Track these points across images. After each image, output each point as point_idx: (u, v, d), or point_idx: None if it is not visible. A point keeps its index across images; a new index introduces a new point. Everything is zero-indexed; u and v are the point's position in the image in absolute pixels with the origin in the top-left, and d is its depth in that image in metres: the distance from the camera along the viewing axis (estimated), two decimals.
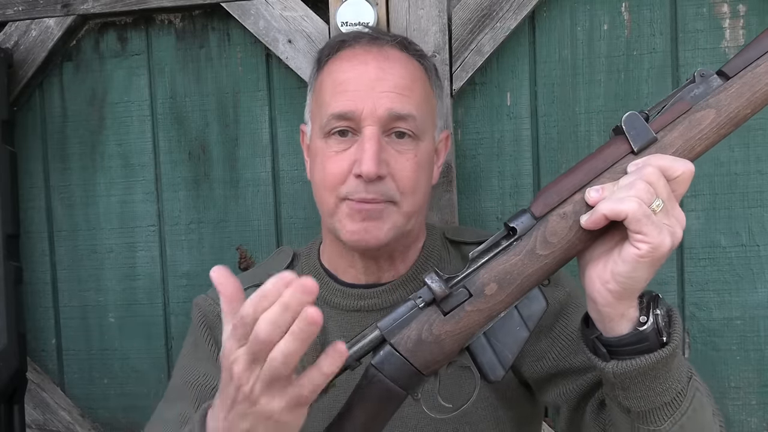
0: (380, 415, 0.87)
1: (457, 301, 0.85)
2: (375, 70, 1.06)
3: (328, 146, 1.07)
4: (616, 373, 0.83)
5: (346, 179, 1.05)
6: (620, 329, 0.83)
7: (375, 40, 1.10)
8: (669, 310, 0.85)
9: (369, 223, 1.04)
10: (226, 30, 1.51)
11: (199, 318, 1.18)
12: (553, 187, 0.84)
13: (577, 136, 1.42)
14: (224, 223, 1.54)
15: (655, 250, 0.77)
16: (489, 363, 0.86)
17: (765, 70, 0.82)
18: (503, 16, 1.38)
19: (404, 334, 0.86)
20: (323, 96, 1.09)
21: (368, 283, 1.13)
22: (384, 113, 1.04)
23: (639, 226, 0.76)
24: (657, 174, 0.79)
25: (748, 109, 0.82)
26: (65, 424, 1.58)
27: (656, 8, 1.39)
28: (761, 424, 1.41)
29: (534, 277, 0.84)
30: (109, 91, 1.56)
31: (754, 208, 1.38)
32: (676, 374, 0.84)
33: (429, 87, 1.12)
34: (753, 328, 1.40)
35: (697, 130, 0.83)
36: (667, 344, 0.82)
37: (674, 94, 0.84)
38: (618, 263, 0.80)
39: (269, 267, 1.23)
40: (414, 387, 0.87)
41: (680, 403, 0.85)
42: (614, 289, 0.81)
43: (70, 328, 1.60)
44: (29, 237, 1.60)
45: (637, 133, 0.82)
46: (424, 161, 1.09)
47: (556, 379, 1.04)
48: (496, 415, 1.11)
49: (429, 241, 1.17)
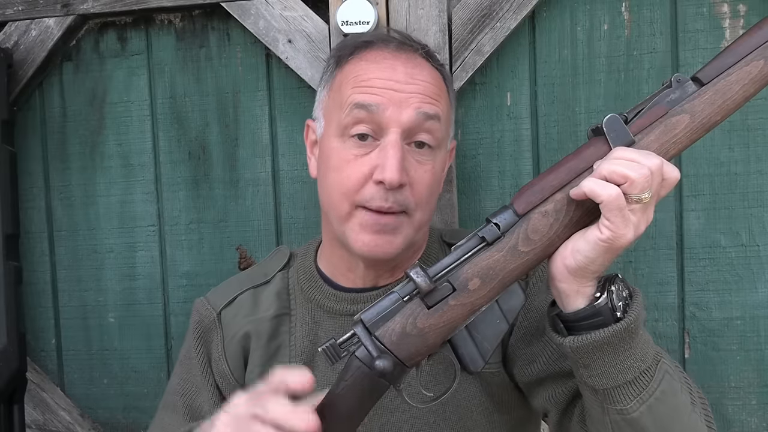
0: (363, 406, 0.92)
1: (441, 295, 0.89)
2: (404, 75, 1.07)
3: (345, 148, 1.07)
4: (573, 348, 0.88)
5: (364, 185, 1.05)
6: (576, 305, 0.88)
7: (403, 46, 1.11)
8: (632, 290, 0.90)
9: (382, 237, 1.06)
10: (226, 30, 1.52)
11: (196, 324, 1.22)
12: (535, 185, 0.89)
13: (577, 136, 1.43)
14: (224, 223, 1.54)
15: (616, 240, 0.83)
16: (470, 355, 0.90)
17: (736, 79, 0.87)
18: (503, 16, 1.38)
19: (388, 327, 0.90)
20: (344, 91, 1.09)
21: (365, 287, 1.15)
22: (412, 114, 1.05)
23: (609, 214, 0.82)
24: (659, 169, 0.83)
25: (719, 116, 0.88)
26: (65, 424, 1.58)
27: (656, 8, 1.40)
28: (761, 424, 1.42)
29: (516, 272, 0.89)
30: (109, 91, 1.57)
31: (754, 208, 1.39)
32: (639, 353, 0.88)
33: (449, 98, 1.14)
34: (753, 328, 1.41)
35: (672, 134, 0.87)
36: (621, 320, 0.86)
37: (651, 98, 0.89)
38: (579, 241, 0.86)
39: (266, 267, 1.25)
40: (397, 378, 0.91)
41: (647, 384, 0.88)
42: (570, 265, 0.86)
43: (70, 328, 1.62)
44: (29, 237, 1.61)
45: (616, 135, 0.87)
46: (439, 172, 1.12)
47: (546, 383, 1.06)
48: (491, 419, 1.13)
49: (428, 246, 1.19)
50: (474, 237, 0.89)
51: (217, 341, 1.19)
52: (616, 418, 0.89)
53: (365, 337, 0.90)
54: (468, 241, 0.90)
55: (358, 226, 1.05)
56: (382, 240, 1.05)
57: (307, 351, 1.15)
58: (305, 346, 1.15)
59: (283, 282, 1.20)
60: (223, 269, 1.56)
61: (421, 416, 1.11)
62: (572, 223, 0.87)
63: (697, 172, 1.42)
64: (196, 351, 1.20)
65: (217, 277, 1.54)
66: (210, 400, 1.17)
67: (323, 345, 0.90)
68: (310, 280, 1.18)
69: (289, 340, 1.16)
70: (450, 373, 0.94)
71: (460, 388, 0.92)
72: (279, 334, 1.17)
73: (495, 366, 1.11)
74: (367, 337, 0.89)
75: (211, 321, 1.20)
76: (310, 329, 1.16)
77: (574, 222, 0.87)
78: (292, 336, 1.16)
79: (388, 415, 1.12)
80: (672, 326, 1.44)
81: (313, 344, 1.15)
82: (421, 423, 1.12)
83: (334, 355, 0.90)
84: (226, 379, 1.18)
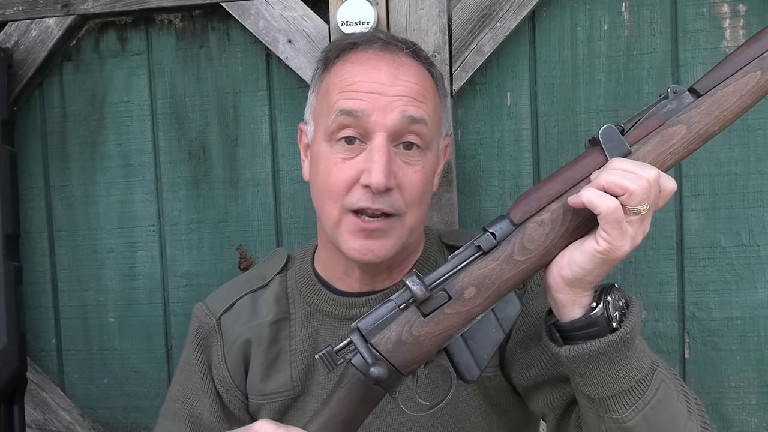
0: (359, 413, 0.93)
1: (437, 303, 0.90)
2: (388, 77, 1.06)
3: (333, 152, 1.07)
4: (569, 357, 0.89)
5: (352, 189, 1.05)
6: (572, 315, 0.89)
7: (388, 46, 1.10)
8: (628, 300, 0.91)
9: (372, 242, 1.06)
10: (226, 30, 1.52)
11: (195, 330, 1.24)
12: (531, 195, 0.90)
13: (577, 136, 1.43)
14: (224, 223, 1.55)
15: (613, 251, 0.84)
16: (465, 363, 0.91)
17: (733, 90, 0.88)
18: (503, 16, 1.38)
19: (384, 335, 0.91)
20: (330, 95, 1.09)
21: (362, 291, 1.16)
22: (397, 118, 1.04)
23: (607, 225, 0.82)
24: (657, 180, 0.84)
25: (716, 126, 0.88)
26: (65, 424, 1.59)
27: (656, 8, 1.40)
28: (761, 424, 1.42)
29: (511, 281, 0.90)
30: (109, 91, 1.57)
31: (754, 208, 1.39)
32: (635, 362, 0.89)
33: (438, 96, 1.13)
34: (753, 328, 1.41)
35: (669, 144, 0.88)
36: (617, 330, 0.87)
37: (648, 109, 0.90)
38: (576, 252, 0.87)
39: (264, 270, 1.25)
40: (393, 386, 0.92)
41: (642, 393, 0.89)
42: (567, 275, 0.87)
43: (70, 328, 1.63)
44: (29, 237, 1.62)
45: (612, 145, 0.88)
46: (430, 172, 1.12)
47: (544, 387, 1.06)
48: (490, 421, 1.14)
49: (426, 248, 1.19)
50: (470, 246, 0.90)
51: (218, 347, 1.19)
52: (612, 426, 0.90)
53: (361, 344, 0.91)
54: (464, 250, 0.91)
55: (347, 232, 1.06)
56: (374, 245, 1.05)
57: (308, 355, 1.15)
58: (305, 351, 1.15)
59: (281, 286, 1.21)
60: (223, 269, 1.56)
61: (420, 419, 1.11)
62: (568, 233, 0.88)
63: (697, 172, 1.42)
64: (196, 357, 1.20)
65: (217, 277, 1.55)
66: (210, 407, 1.18)
67: (320, 352, 0.92)
68: (309, 284, 1.18)
69: (289, 344, 1.16)
70: (446, 380, 0.95)
71: (458, 391, 0.93)
72: (279, 339, 1.17)
73: (492, 370, 1.12)
74: (363, 345, 0.91)
75: (210, 327, 1.20)
76: (310, 334, 1.16)
77: (570, 231, 0.88)
78: (292, 341, 1.16)
79: (387, 417, 1.12)
80: (672, 326, 1.45)
81: (313, 348, 1.15)
82: (420, 426, 1.12)
83: (331, 362, 0.91)
84: (226, 385, 1.19)
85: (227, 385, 1.18)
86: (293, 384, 1.15)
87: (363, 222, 1.04)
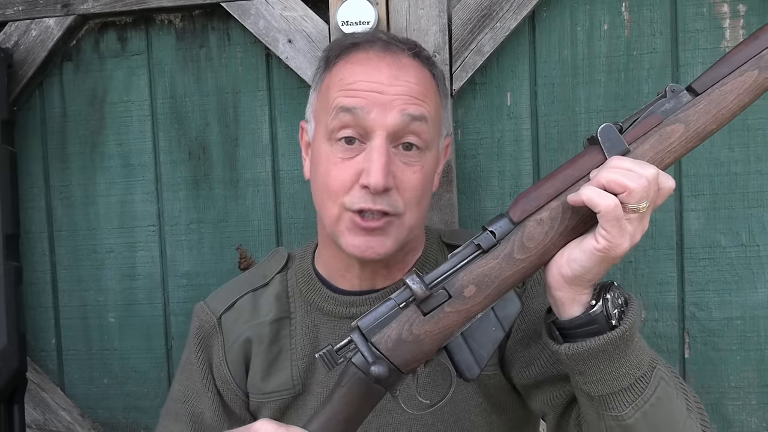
0: (359, 412, 0.93)
1: (437, 302, 0.90)
2: (388, 77, 1.06)
3: (333, 151, 1.08)
4: (568, 355, 0.89)
5: (351, 188, 1.05)
6: (572, 312, 0.89)
7: (389, 47, 1.10)
8: (627, 297, 0.91)
9: (371, 239, 1.06)
10: (226, 30, 1.53)
11: (196, 329, 1.24)
12: (531, 194, 0.90)
13: (577, 136, 1.43)
14: (224, 223, 1.55)
15: (612, 249, 0.84)
16: (465, 362, 0.92)
17: (731, 89, 0.88)
18: (503, 16, 1.39)
19: (384, 334, 0.91)
20: (330, 94, 1.09)
21: (362, 289, 1.16)
22: (397, 117, 1.05)
23: (607, 224, 0.83)
24: (656, 178, 0.84)
25: (713, 125, 0.89)
26: (65, 424, 1.59)
27: (656, 8, 1.40)
28: (761, 424, 1.42)
29: (511, 280, 0.90)
30: (109, 91, 1.57)
31: (754, 208, 1.40)
32: (634, 360, 0.89)
33: (439, 96, 1.14)
34: (753, 328, 1.41)
35: (667, 143, 0.88)
36: (616, 327, 0.87)
37: (647, 108, 0.90)
38: (575, 250, 0.87)
39: (264, 269, 1.25)
40: (393, 384, 0.93)
41: (642, 390, 0.89)
42: (566, 273, 0.87)
43: (70, 328, 1.63)
44: (29, 237, 1.62)
45: (611, 144, 0.88)
46: (429, 173, 1.12)
47: (544, 386, 1.07)
48: (489, 420, 1.15)
49: (427, 248, 1.20)
50: (470, 245, 0.91)
51: (218, 347, 1.20)
52: (612, 424, 0.90)
53: (361, 343, 0.91)
54: (464, 249, 0.91)
55: (346, 230, 1.06)
56: (374, 242, 1.05)
57: (308, 354, 1.15)
58: (306, 350, 1.16)
59: (282, 285, 1.21)
60: (223, 269, 1.56)
61: (420, 417, 1.12)
62: (567, 231, 0.89)
63: (697, 172, 1.42)
64: (197, 357, 1.21)
65: (217, 277, 1.55)
66: (211, 406, 1.19)
67: (320, 351, 0.92)
68: (309, 282, 1.18)
69: (290, 343, 1.17)
70: (446, 378, 0.95)
71: (458, 390, 0.93)
72: (279, 338, 1.18)
73: (492, 368, 1.12)
74: (363, 344, 0.91)
75: (211, 326, 1.21)
76: (311, 332, 1.16)
77: (570, 230, 0.89)
78: (293, 339, 1.17)
79: (387, 416, 1.13)
80: (672, 326, 1.45)
81: (313, 347, 1.15)
82: (420, 424, 1.13)
83: (331, 361, 0.92)
84: (227, 384, 1.19)
85: (228, 384, 1.19)
86: (294, 383, 1.15)
87: (362, 220, 1.04)
